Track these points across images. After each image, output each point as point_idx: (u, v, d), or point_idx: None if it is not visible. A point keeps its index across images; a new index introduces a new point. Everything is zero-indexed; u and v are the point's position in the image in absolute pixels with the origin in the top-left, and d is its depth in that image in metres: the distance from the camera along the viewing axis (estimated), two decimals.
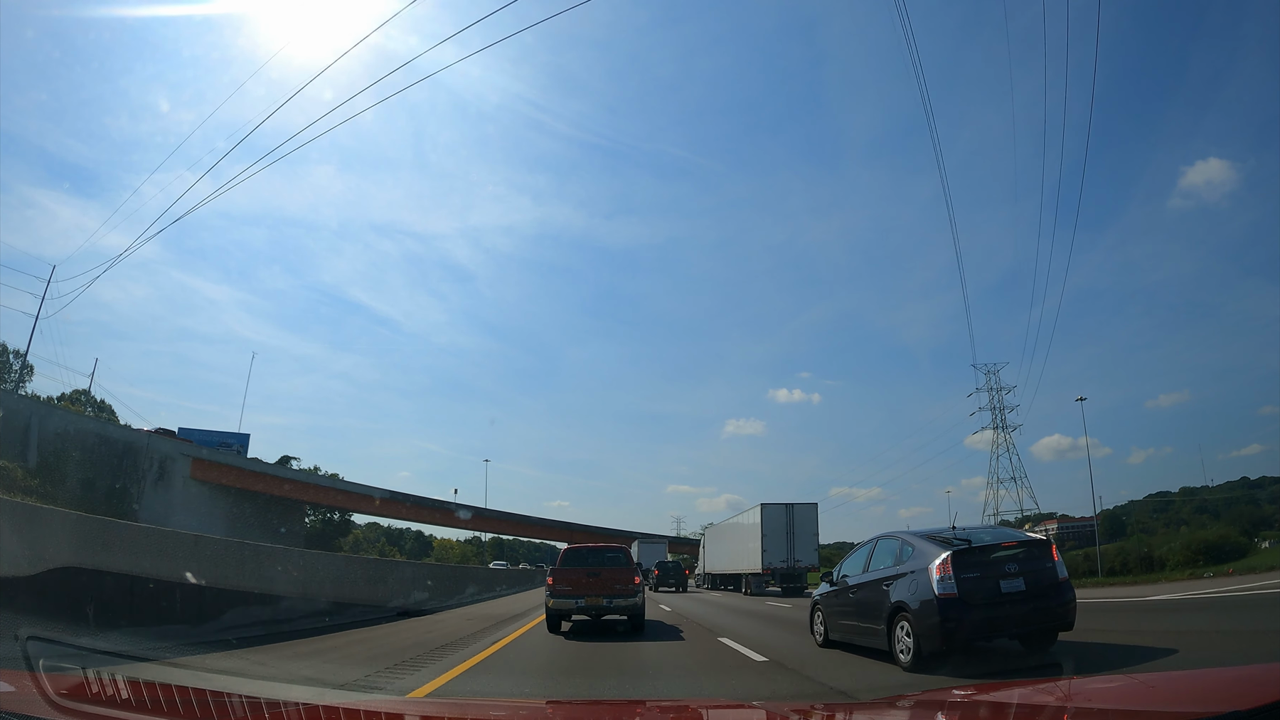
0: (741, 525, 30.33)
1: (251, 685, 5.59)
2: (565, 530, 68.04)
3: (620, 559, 11.68)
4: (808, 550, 27.16)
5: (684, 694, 6.01)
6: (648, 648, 9.30)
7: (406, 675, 6.57)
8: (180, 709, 2.15)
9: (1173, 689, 2.28)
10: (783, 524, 26.98)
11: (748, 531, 28.64)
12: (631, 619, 10.84)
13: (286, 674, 6.55)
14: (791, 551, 26.74)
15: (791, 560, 26.72)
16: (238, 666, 6.91)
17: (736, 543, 30.91)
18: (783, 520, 27.11)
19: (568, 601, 10.70)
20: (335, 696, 5.26)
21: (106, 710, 2.02)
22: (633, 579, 10.92)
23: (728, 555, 32.79)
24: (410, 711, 3.27)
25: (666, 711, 3.38)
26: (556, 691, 6.36)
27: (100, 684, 2.19)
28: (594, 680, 6.83)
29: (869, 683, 6.20)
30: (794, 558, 26.72)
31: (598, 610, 10.78)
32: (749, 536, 28.22)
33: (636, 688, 6.47)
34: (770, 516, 27.14)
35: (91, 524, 8.35)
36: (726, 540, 33.68)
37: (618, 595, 10.68)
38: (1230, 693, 1.90)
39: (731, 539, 32.36)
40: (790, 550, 26.74)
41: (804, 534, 27.19)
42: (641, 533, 67.23)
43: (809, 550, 27.20)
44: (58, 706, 1.91)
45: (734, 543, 31.49)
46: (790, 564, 26.71)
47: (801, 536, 27.06)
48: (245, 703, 2.25)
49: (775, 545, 26.64)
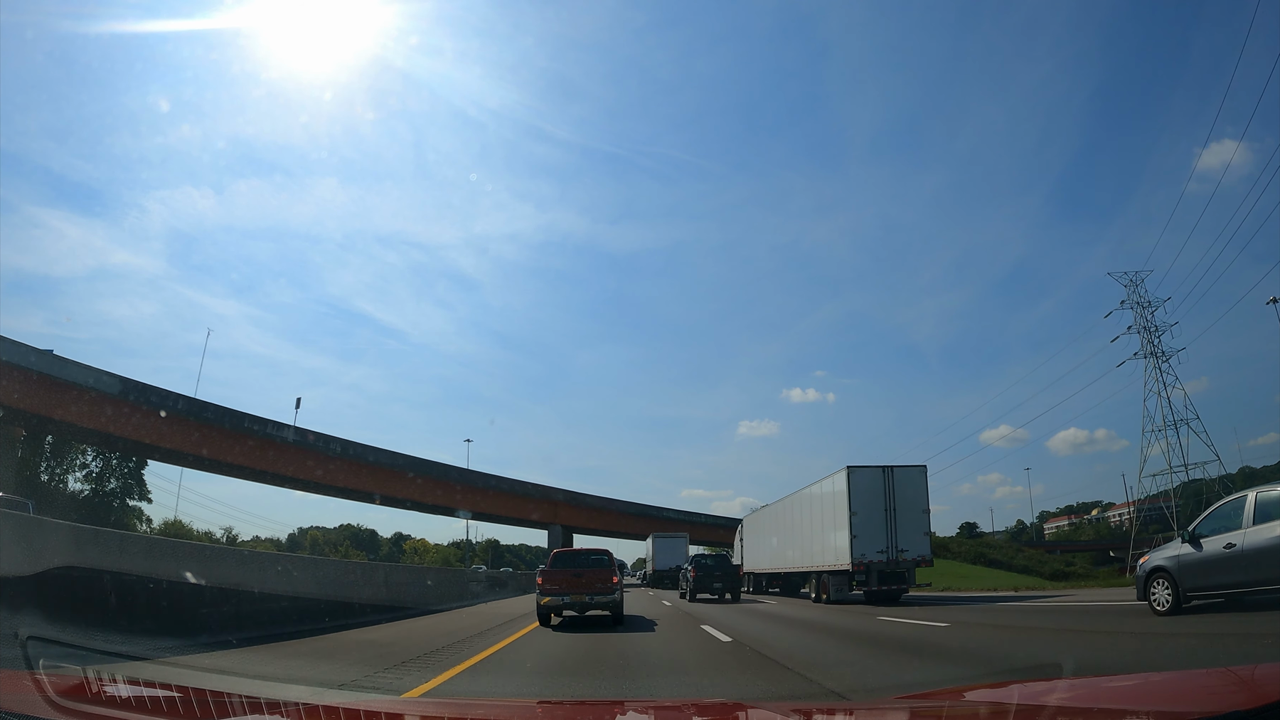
0: (810, 503, 21.88)
1: (251, 685, 5.58)
2: (657, 519, 56.37)
3: (603, 562, 13.27)
4: (915, 535, 18.48)
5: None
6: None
7: (407, 675, 6.58)
8: (180, 709, 2.15)
9: (1173, 689, 2.28)
10: (879, 496, 18.50)
11: (822, 511, 20.61)
12: (612, 614, 12.39)
13: (286, 674, 6.55)
14: (893, 538, 18.37)
15: (894, 551, 18.21)
16: (237, 666, 6.92)
17: (799, 529, 22.84)
18: (879, 491, 18.54)
19: (556, 599, 12.09)
20: (335, 696, 5.26)
21: (106, 710, 2.02)
22: (611, 579, 12.48)
23: (783, 548, 25.03)
24: (410, 711, 3.27)
25: (666, 711, 3.38)
26: (556, 692, 6.35)
27: (100, 684, 2.19)
28: (595, 681, 6.81)
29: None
30: (897, 547, 18.29)
31: (581, 606, 12.14)
32: (825, 518, 20.20)
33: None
34: (862, 486, 18.56)
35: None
36: (780, 528, 25.35)
37: (598, 593, 12.14)
38: (1230, 693, 1.90)
39: (790, 525, 23.91)
40: (892, 536, 18.39)
41: (910, 512, 18.62)
42: (702, 514, 60.47)
43: (917, 535, 18.51)
44: (58, 706, 1.91)
45: (794, 530, 23.41)
46: (892, 556, 18.16)
47: (907, 515, 18.55)
48: (245, 702, 2.25)
49: (870, 529, 18.28)
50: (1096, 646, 7.71)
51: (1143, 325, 49.78)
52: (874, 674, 6.85)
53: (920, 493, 18.89)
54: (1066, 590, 25.59)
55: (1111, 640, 8.43)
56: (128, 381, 36.15)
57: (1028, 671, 6.61)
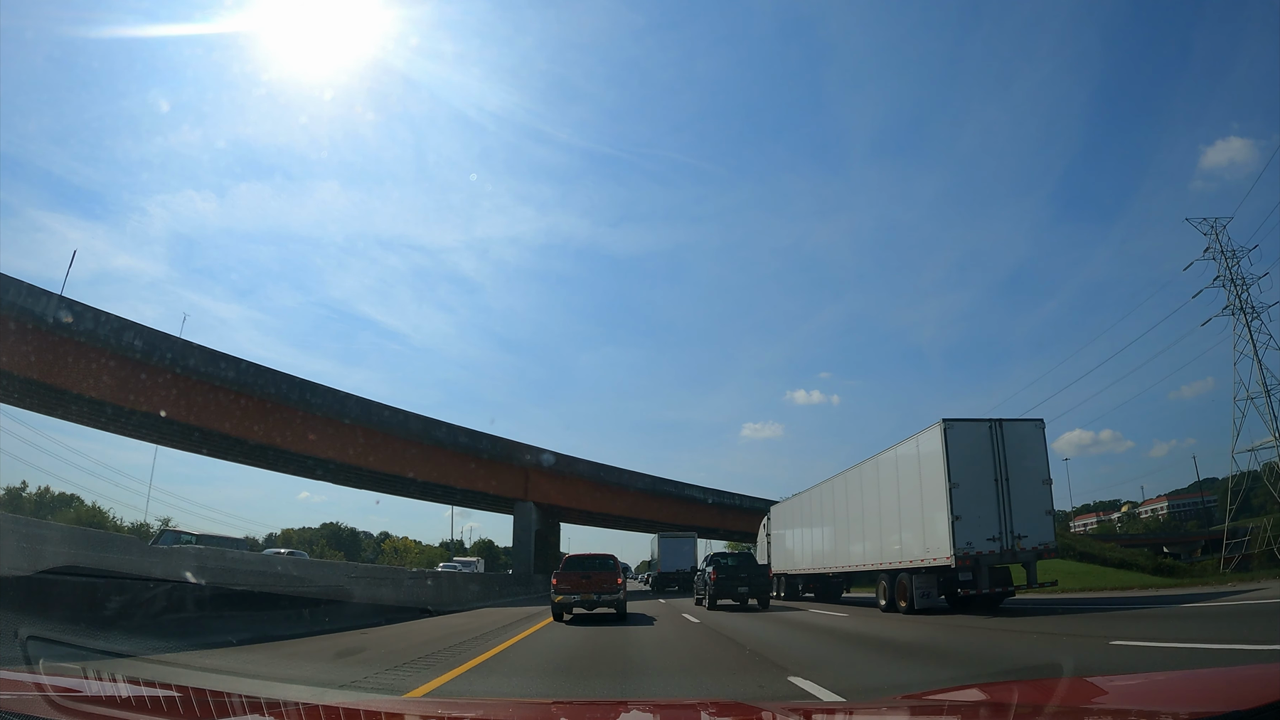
0: (881, 477, 16.26)
1: (251, 685, 5.58)
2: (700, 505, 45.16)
3: (608, 565, 14.71)
4: (1035, 514, 13.55)
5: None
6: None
7: (408, 675, 6.57)
8: (180, 709, 2.15)
9: (1173, 689, 2.28)
10: (986, 462, 13.54)
11: (900, 486, 15.24)
12: (617, 611, 14.03)
13: (285, 674, 6.55)
14: (1007, 519, 13.32)
15: (1009, 538, 13.25)
16: (237, 666, 6.92)
17: (860, 515, 17.25)
18: (985, 454, 13.58)
19: (569, 597, 13.75)
20: (335, 696, 5.26)
21: (106, 710, 2.02)
22: (616, 580, 14.11)
23: (832, 542, 19.43)
24: (410, 711, 3.27)
25: (667, 711, 3.38)
26: (556, 692, 6.35)
27: (100, 684, 2.19)
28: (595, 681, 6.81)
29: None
30: (1013, 531, 13.29)
31: (590, 604, 13.85)
32: (906, 495, 14.95)
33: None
34: (963, 447, 13.48)
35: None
36: (826, 515, 19.94)
37: (605, 593, 13.83)
38: (1230, 693, 1.90)
39: (844, 511, 18.42)
40: (1005, 517, 13.33)
41: (1026, 482, 13.59)
42: (735, 494, 46.48)
43: (1037, 514, 13.60)
44: (58, 706, 1.91)
45: (851, 517, 17.82)
46: (1007, 545, 13.23)
47: (1023, 487, 13.54)
48: (245, 702, 2.25)
49: (977, 508, 13.18)
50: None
51: (1229, 278, 40.92)
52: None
53: (1038, 456, 13.94)
54: (1215, 587, 17.54)
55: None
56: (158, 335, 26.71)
57: (1031, 671, 6.60)
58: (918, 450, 14.71)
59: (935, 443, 13.87)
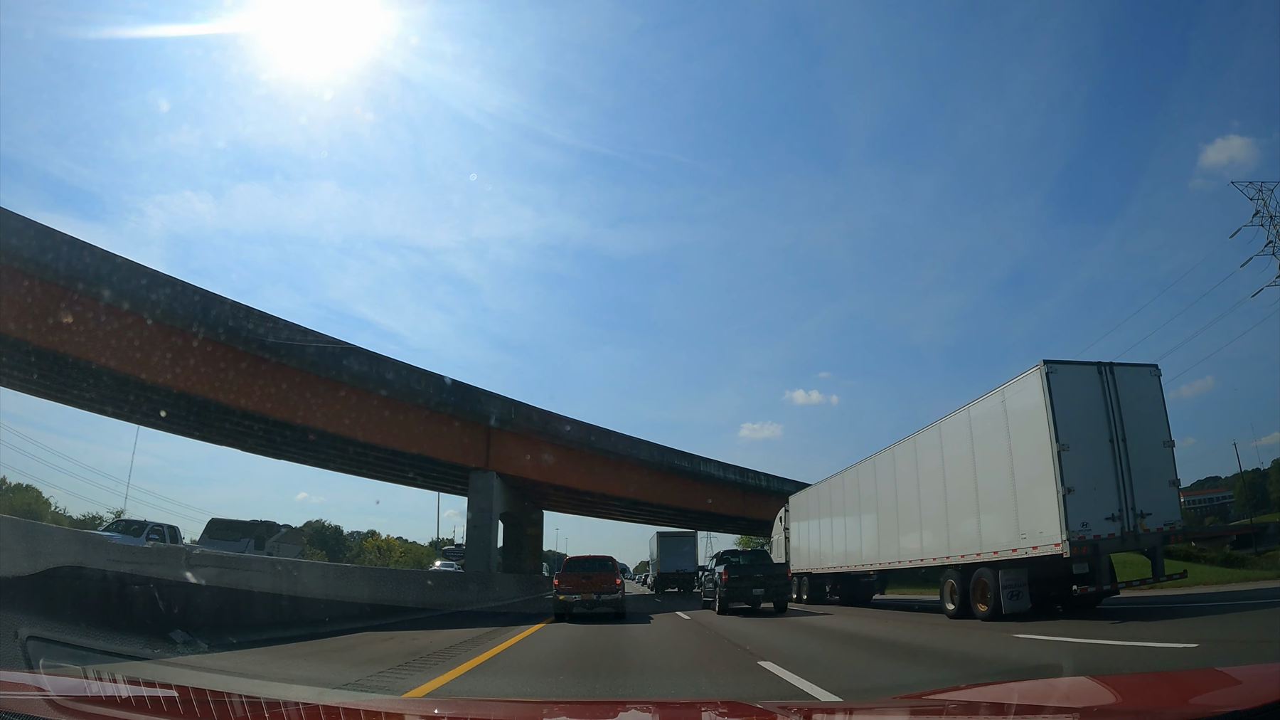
0: (953, 446, 13.03)
1: (251, 685, 5.58)
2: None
3: (607, 566, 15.52)
4: (1158, 488, 10.84)
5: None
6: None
7: (408, 675, 6.57)
8: (180, 709, 2.15)
9: (1173, 689, 2.28)
10: (1098, 418, 10.84)
11: (983, 453, 12.12)
12: (615, 610, 14.69)
13: (285, 674, 6.54)
14: (1127, 493, 10.63)
15: (1130, 517, 10.57)
16: (237, 666, 6.91)
17: (918, 496, 14.25)
18: (1096, 408, 10.88)
19: (571, 596, 14.48)
20: (335, 696, 5.26)
21: (106, 710, 2.02)
22: (614, 580, 14.96)
23: (874, 532, 16.51)
24: (410, 711, 3.27)
25: (666, 710, 3.37)
26: (556, 692, 6.35)
27: (100, 684, 2.19)
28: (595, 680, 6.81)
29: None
30: (1134, 508, 10.61)
31: (590, 604, 14.55)
32: (992, 465, 11.82)
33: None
34: (1070, 398, 10.72)
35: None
36: (865, 502, 17.12)
37: (604, 592, 14.61)
38: (1230, 693, 1.90)
39: (892, 493, 15.52)
40: (1125, 490, 10.64)
41: (1145, 444, 10.92)
42: (765, 474, 38.39)
43: (1160, 486, 10.89)
44: (58, 706, 1.91)
45: (904, 500, 14.93)
46: (1129, 527, 10.53)
47: (1142, 450, 10.86)
48: (245, 702, 2.25)
49: (1089, 477, 10.47)
50: None
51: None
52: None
53: (1156, 412, 11.09)
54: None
55: None
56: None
57: (1032, 671, 6.61)
58: (1003, 406, 11.55)
59: (1032, 393, 10.81)
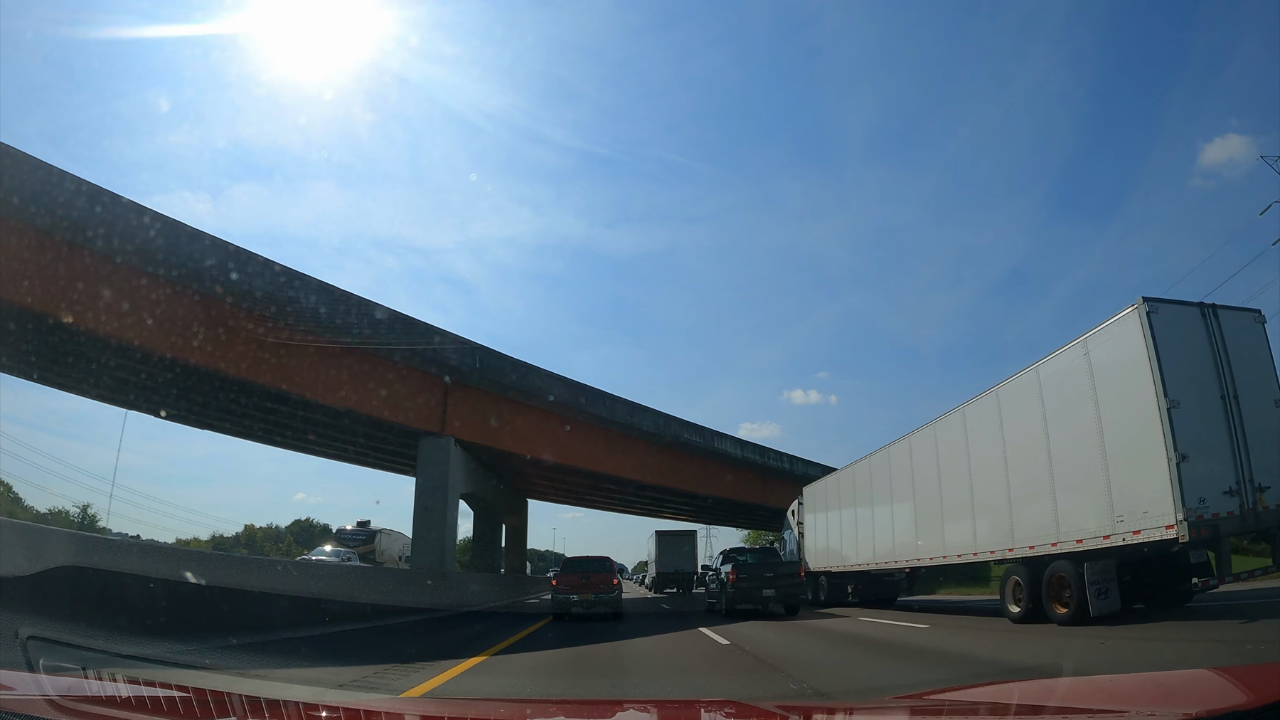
0: (1007, 412, 11.04)
1: (251, 685, 5.59)
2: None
3: (604, 566, 15.55)
4: (1274, 454, 8.52)
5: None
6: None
7: (408, 675, 6.57)
8: (180, 709, 2.15)
9: (1173, 688, 2.28)
10: (1208, 372, 8.69)
11: (1055, 420, 9.95)
12: (612, 609, 14.65)
13: (285, 674, 6.54)
14: (1243, 462, 8.40)
15: (1250, 488, 8.31)
16: (237, 666, 6.91)
17: (961, 480, 12.27)
18: (1205, 360, 8.74)
19: (568, 596, 14.48)
20: (335, 696, 5.26)
21: (106, 710, 2.01)
22: (612, 581, 14.91)
23: (911, 521, 14.40)
24: (410, 711, 3.26)
25: (666, 710, 3.37)
26: (556, 692, 6.34)
27: (100, 684, 2.19)
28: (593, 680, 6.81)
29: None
30: (1251, 479, 8.35)
31: (588, 604, 14.52)
32: (1067, 432, 9.65)
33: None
34: (1175, 342, 8.56)
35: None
36: (900, 486, 15.03)
37: (601, 592, 14.61)
38: (1230, 693, 1.90)
39: (934, 474, 13.29)
40: (1241, 458, 8.41)
41: (1257, 403, 8.71)
42: (788, 455, 33.39)
43: (1277, 454, 8.54)
44: (58, 706, 1.91)
45: (948, 484, 12.82)
46: (1248, 503, 8.23)
47: (1255, 410, 8.65)
48: (245, 702, 2.25)
49: (1202, 438, 8.22)
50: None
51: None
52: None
53: (1266, 365, 9.15)
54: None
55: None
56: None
57: (1031, 671, 6.61)
58: (1087, 360, 9.39)
59: (1129, 339, 8.78)
